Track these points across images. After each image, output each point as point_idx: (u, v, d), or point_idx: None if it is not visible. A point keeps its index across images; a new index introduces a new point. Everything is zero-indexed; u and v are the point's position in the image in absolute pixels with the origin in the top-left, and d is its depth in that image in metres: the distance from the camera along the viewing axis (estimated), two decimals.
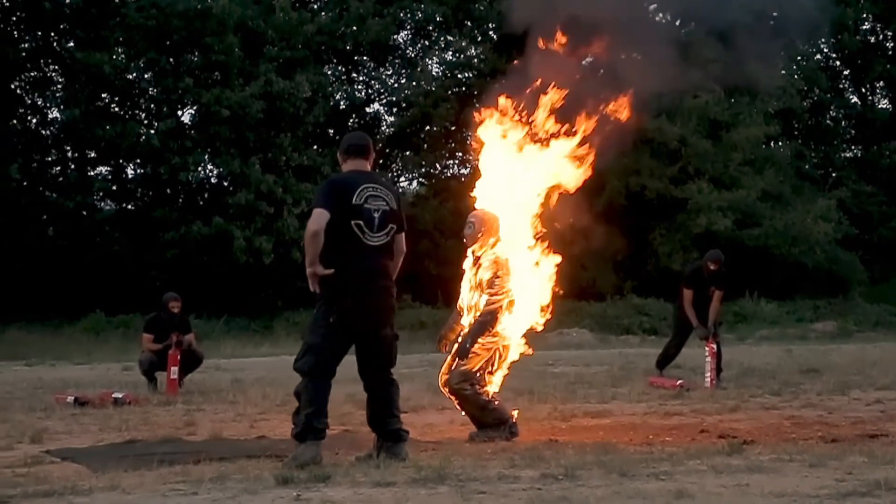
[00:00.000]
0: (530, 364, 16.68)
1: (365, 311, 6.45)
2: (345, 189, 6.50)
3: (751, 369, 14.39)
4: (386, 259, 6.56)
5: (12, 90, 31.40)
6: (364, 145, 6.79)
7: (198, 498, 5.01)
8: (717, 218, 30.48)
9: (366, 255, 6.44)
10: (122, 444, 7.98)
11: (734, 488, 5.09)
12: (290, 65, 30.18)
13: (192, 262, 28.04)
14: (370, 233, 6.44)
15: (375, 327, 6.54)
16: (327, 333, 6.44)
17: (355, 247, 6.42)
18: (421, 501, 4.79)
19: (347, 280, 6.41)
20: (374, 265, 6.48)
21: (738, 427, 8.42)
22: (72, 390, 11.92)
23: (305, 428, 6.29)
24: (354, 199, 6.42)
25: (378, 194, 6.51)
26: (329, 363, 6.45)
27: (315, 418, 6.31)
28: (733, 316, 28.55)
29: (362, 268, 6.43)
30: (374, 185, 6.56)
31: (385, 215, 6.50)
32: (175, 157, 28.64)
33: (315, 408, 6.34)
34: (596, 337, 26.67)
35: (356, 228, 6.41)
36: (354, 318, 6.43)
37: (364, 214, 6.43)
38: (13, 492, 5.25)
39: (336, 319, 6.42)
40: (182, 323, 12.91)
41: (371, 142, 6.93)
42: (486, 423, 7.83)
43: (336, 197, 6.47)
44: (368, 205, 6.45)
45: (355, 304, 6.40)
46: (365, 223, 6.42)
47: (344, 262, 6.41)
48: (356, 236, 6.42)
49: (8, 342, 23.45)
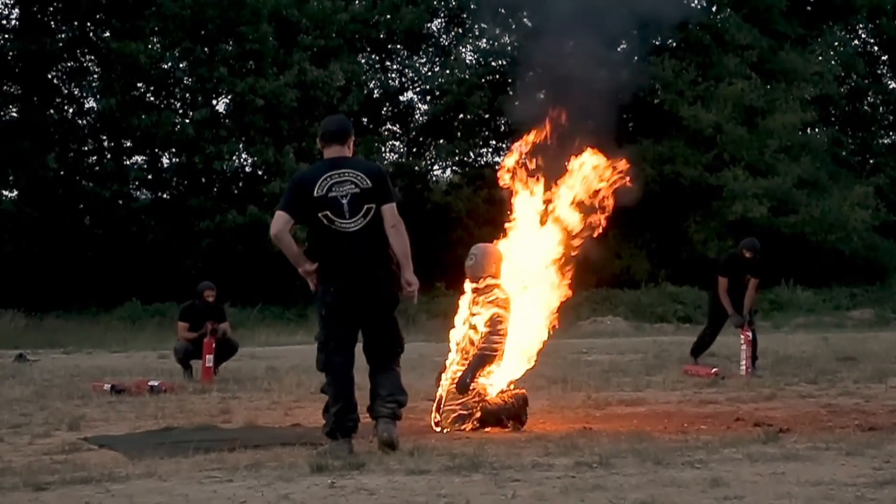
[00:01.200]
0: (564, 352, 16.70)
1: (351, 298, 6.35)
2: (304, 185, 6.44)
3: (787, 357, 14.29)
4: (369, 243, 6.37)
5: (49, 80, 31.68)
6: (338, 130, 6.61)
7: (233, 485, 5.04)
8: (752, 205, 30.25)
9: (342, 243, 6.33)
10: (158, 431, 8.04)
11: (770, 476, 5.06)
12: (324, 53, 30.21)
13: (227, 250, 28.19)
14: (340, 220, 6.30)
15: (367, 313, 6.41)
16: (326, 326, 6.43)
17: (330, 237, 6.34)
18: (455, 489, 4.79)
19: (328, 271, 6.37)
20: (354, 252, 6.33)
21: (773, 415, 8.36)
22: (108, 378, 12.01)
23: (335, 426, 6.29)
24: (315, 192, 6.32)
25: (345, 178, 6.35)
26: (337, 357, 6.40)
27: (343, 415, 6.29)
28: (769, 304, 28.34)
29: (340, 257, 6.34)
30: (341, 170, 6.38)
31: (355, 198, 6.32)
32: (210, 147, 28.79)
33: (342, 404, 6.32)
34: (630, 325, 26.57)
35: (324, 219, 6.31)
36: (342, 306, 6.36)
37: (329, 204, 6.30)
38: (51, 478, 5.30)
39: (326, 312, 6.40)
40: (217, 311, 12.97)
41: (349, 125, 6.79)
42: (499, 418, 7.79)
43: (295, 195, 6.45)
44: (333, 192, 6.31)
45: (340, 294, 6.34)
46: (332, 212, 6.30)
47: (323, 254, 6.40)
48: (327, 227, 6.33)
49: (46, 330, 23.68)
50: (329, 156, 6.56)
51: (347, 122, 6.95)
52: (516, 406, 7.80)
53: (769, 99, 32.41)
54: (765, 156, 31.70)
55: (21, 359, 16.26)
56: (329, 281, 6.38)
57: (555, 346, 18.45)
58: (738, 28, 32.76)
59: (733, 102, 31.60)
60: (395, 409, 6.43)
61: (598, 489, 4.75)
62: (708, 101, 31.73)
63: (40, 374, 13.49)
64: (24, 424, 8.49)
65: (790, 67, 33.07)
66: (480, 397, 7.74)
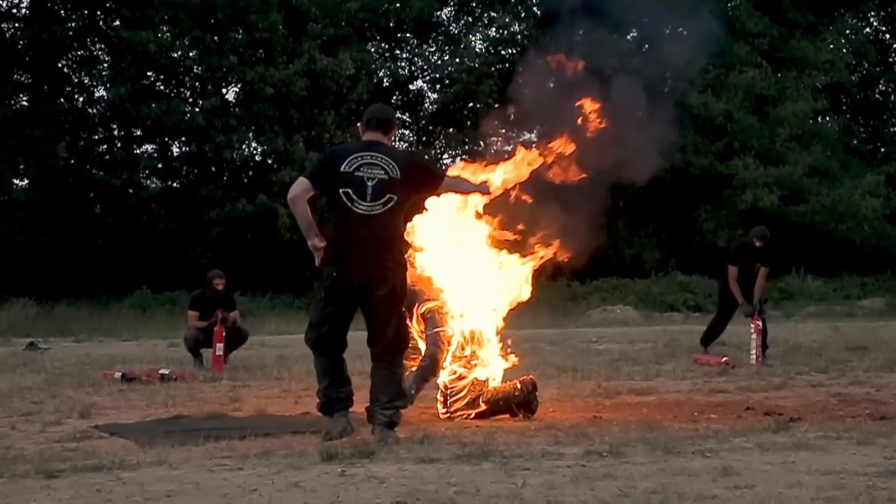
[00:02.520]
0: (574, 341, 16.71)
1: (352, 284, 6.29)
2: (334, 158, 6.41)
3: (797, 346, 14.26)
4: (382, 229, 6.30)
5: (59, 69, 31.76)
6: (386, 119, 6.63)
7: (243, 473, 5.05)
8: (763, 194, 30.21)
9: (356, 224, 6.26)
10: (168, 419, 8.05)
11: (780, 466, 5.05)
12: (333, 42, 30.19)
13: (237, 239, 28.27)
14: (360, 201, 6.24)
15: (366, 302, 6.35)
16: (322, 307, 6.40)
17: (345, 216, 6.27)
18: (465, 478, 4.79)
19: (336, 253, 6.30)
20: (365, 235, 6.25)
21: (784, 404, 8.34)
22: (119, 366, 12.03)
23: (327, 400, 6.30)
24: (343, 168, 6.27)
25: (376, 163, 6.31)
26: (328, 338, 6.38)
27: (333, 389, 6.30)
28: (779, 293, 28.31)
29: (350, 237, 6.27)
30: (374, 153, 6.35)
31: (382, 184, 6.27)
32: (219, 135, 28.83)
33: (330, 379, 6.33)
34: (640, 314, 26.56)
35: (344, 197, 6.25)
36: (341, 291, 6.31)
37: (353, 182, 6.25)
38: (63, 466, 5.31)
39: (325, 294, 6.36)
40: (227, 300, 12.99)
41: (395, 118, 6.79)
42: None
43: (323, 166, 6.42)
44: (360, 173, 6.27)
45: (342, 278, 6.28)
46: (354, 191, 6.24)
47: (334, 233, 6.33)
48: (345, 205, 6.26)
49: (57, 319, 23.77)
50: (367, 139, 6.55)
51: (394, 114, 6.93)
52: (525, 393, 7.78)
53: (780, 87, 32.33)
54: (775, 144, 31.64)
55: (32, 347, 16.33)
56: (334, 263, 6.31)
57: (564, 335, 18.55)
58: (749, 16, 32.64)
59: (744, 91, 31.53)
60: (392, 415, 6.37)
61: (608, 478, 4.74)
62: (718, 89, 31.65)
63: (51, 363, 13.53)
64: (36, 412, 8.51)
65: (801, 55, 32.96)
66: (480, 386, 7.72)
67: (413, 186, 6.50)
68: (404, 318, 6.58)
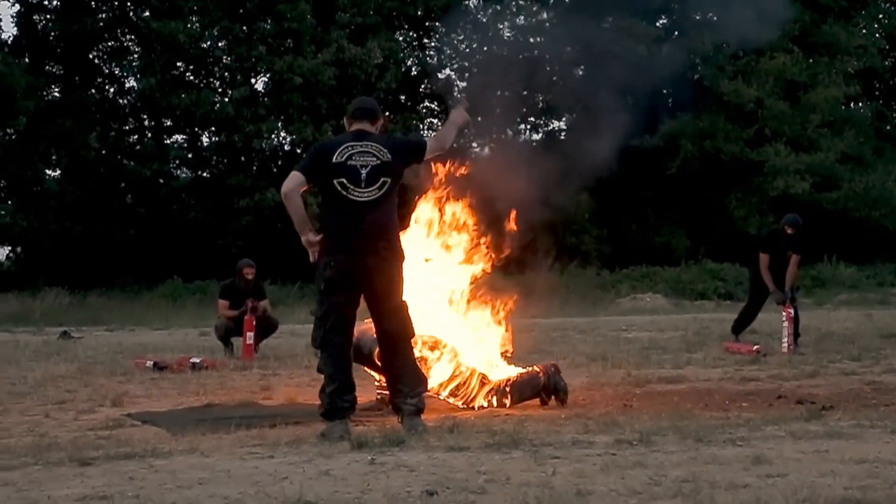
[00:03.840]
0: (604, 329, 16.66)
1: (353, 271, 6.25)
2: (325, 150, 6.44)
3: (829, 334, 14.16)
4: (379, 214, 6.31)
5: (90, 60, 31.98)
6: (370, 108, 6.65)
7: (274, 461, 5.07)
8: (794, 181, 29.99)
9: (354, 212, 6.25)
10: (199, 407, 8.10)
11: (813, 454, 5.02)
12: (361, 31, 30.19)
13: (267, 228, 28.33)
14: (355, 189, 6.25)
15: (370, 290, 6.31)
16: (324, 300, 6.34)
17: (342, 205, 6.27)
18: (495, 466, 4.79)
19: (335, 240, 6.29)
20: (364, 223, 6.25)
21: (816, 393, 8.28)
22: (151, 355, 12.12)
23: (330, 408, 6.22)
24: (335, 158, 6.28)
25: (367, 150, 6.33)
26: (334, 336, 6.31)
27: (338, 396, 6.22)
28: (811, 280, 28.09)
29: (349, 226, 6.26)
30: (363, 142, 6.37)
31: (374, 169, 6.29)
32: (249, 125, 28.92)
33: (336, 384, 6.25)
34: (670, 302, 26.45)
35: (339, 186, 6.25)
36: (342, 281, 6.26)
37: (346, 171, 6.26)
38: (96, 454, 5.35)
39: (325, 286, 6.31)
40: (257, 289, 13.04)
41: (378, 108, 6.79)
42: None
43: (315, 159, 6.43)
44: (353, 161, 6.28)
45: (342, 267, 6.24)
46: (348, 180, 6.25)
47: (332, 222, 6.33)
48: (341, 195, 6.26)
49: (89, 308, 23.97)
50: (354, 129, 6.54)
51: (377, 104, 6.94)
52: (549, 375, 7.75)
53: (811, 73, 32.05)
54: (807, 131, 31.39)
55: (65, 336, 16.48)
56: (332, 253, 6.29)
57: (594, 323, 18.51)
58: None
59: (775, 77, 31.28)
60: (418, 402, 6.37)
61: (638, 466, 4.73)
62: (749, 75, 31.42)
63: (84, 351, 13.65)
64: (69, 400, 8.59)
65: (833, 40, 32.65)
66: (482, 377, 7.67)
67: (404, 162, 6.54)
68: (406, 307, 6.48)
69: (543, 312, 22.05)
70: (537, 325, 17.25)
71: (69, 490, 4.46)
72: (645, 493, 4.21)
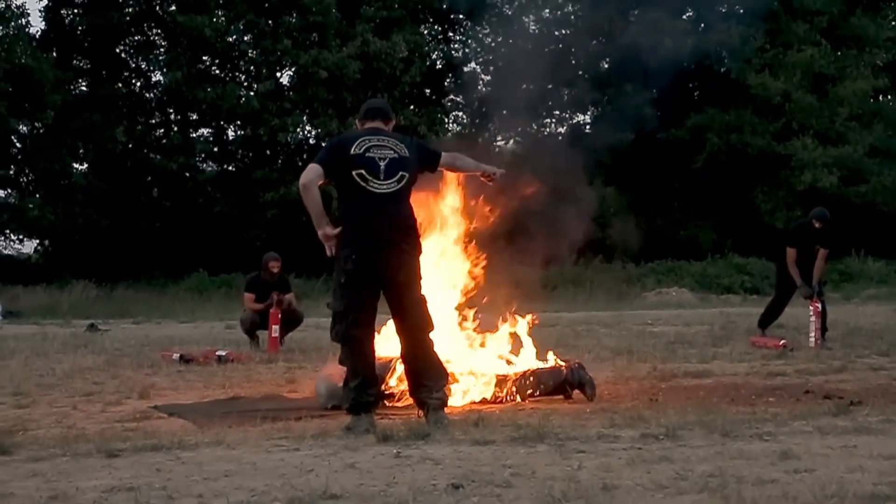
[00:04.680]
0: (629, 323, 16.61)
1: (373, 264, 6.20)
2: (343, 143, 6.41)
3: (857, 329, 14.05)
4: (398, 207, 6.28)
5: (117, 54, 32.15)
6: (382, 108, 6.66)
7: (300, 454, 5.08)
8: (822, 174, 29.81)
9: (373, 204, 6.21)
10: (225, 400, 8.14)
11: (841, 450, 4.97)
12: (386, 25, 30.21)
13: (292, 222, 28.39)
14: (375, 180, 6.21)
15: (390, 284, 6.25)
16: (343, 295, 6.29)
17: (361, 197, 6.23)
18: (520, 460, 4.78)
19: (354, 233, 6.23)
20: (384, 215, 6.21)
21: (844, 388, 8.22)
22: (177, 348, 12.18)
23: (354, 403, 6.20)
24: (353, 150, 6.25)
25: (384, 145, 6.32)
26: (357, 331, 6.26)
27: (362, 391, 6.20)
28: (839, 275, 27.90)
29: (370, 218, 6.21)
30: (380, 136, 6.37)
31: (393, 162, 6.27)
32: (274, 119, 29.01)
33: (359, 379, 6.23)
34: (696, 296, 26.34)
35: (358, 178, 6.21)
36: (362, 274, 6.21)
37: (365, 163, 6.23)
38: (123, 445, 5.38)
39: (345, 279, 6.26)
40: (282, 282, 13.08)
41: (389, 108, 6.79)
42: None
43: (333, 152, 6.38)
44: (371, 154, 6.26)
45: (361, 260, 6.19)
46: (367, 171, 6.21)
47: (352, 214, 6.27)
48: (360, 186, 6.21)
49: (116, 301, 24.12)
50: (369, 127, 6.54)
51: (387, 105, 6.94)
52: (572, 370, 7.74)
53: (840, 66, 31.83)
54: (835, 124, 31.18)
55: (93, 328, 16.59)
56: (351, 246, 6.23)
57: (619, 317, 18.45)
58: None
59: (802, 70, 31.09)
60: (442, 396, 6.36)
61: (664, 461, 4.70)
62: (776, 68, 31.24)
63: (111, 344, 13.73)
64: (97, 392, 8.64)
65: (862, 33, 32.40)
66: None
67: (420, 163, 6.51)
68: (425, 301, 6.44)
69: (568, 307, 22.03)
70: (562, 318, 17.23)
71: (97, 481, 4.48)
72: (671, 487, 4.19)
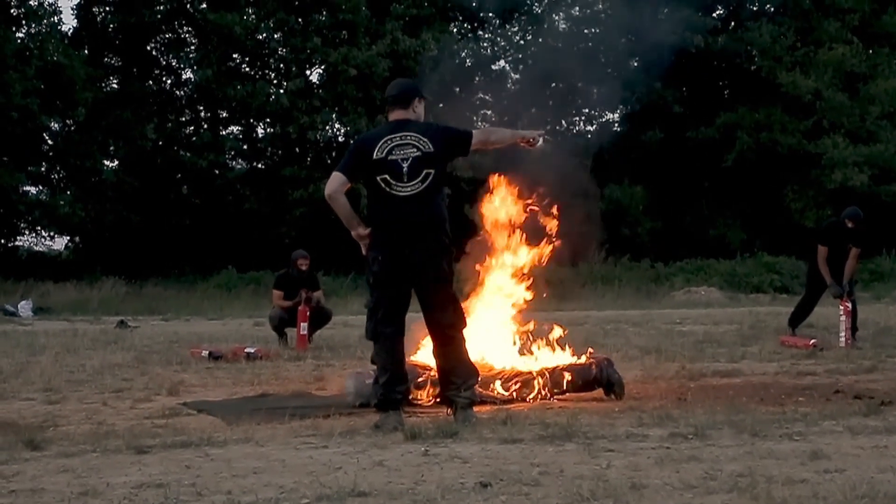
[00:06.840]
0: (658, 322, 16.55)
1: (398, 267, 6.22)
2: (364, 147, 6.38)
3: (888, 329, 13.94)
4: (423, 207, 6.25)
5: (148, 52, 32.33)
6: (400, 94, 6.55)
7: (328, 451, 5.09)
8: (852, 173, 29.60)
9: (398, 207, 6.21)
10: (254, 397, 8.16)
11: (872, 450, 4.94)
12: (416, 23, 30.23)
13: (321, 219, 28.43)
14: (398, 184, 6.20)
15: (416, 283, 6.27)
16: (373, 292, 6.33)
17: (385, 202, 6.24)
18: (548, 458, 4.78)
19: (381, 235, 6.26)
20: (407, 217, 6.21)
21: (875, 387, 8.15)
22: (206, 345, 12.23)
23: (383, 399, 6.22)
24: (375, 155, 6.24)
25: (407, 142, 6.27)
26: (386, 327, 6.27)
27: (390, 387, 6.22)
28: (869, 274, 27.70)
29: (393, 221, 6.22)
30: (403, 133, 6.32)
31: (416, 161, 6.23)
32: (303, 117, 29.09)
33: (388, 375, 6.24)
34: (725, 295, 26.21)
35: (382, 183, 6.22)
36: (388, 275, 6.23)
37: (388, 167, 6.21)
38: (153, 442, 5.42)
39: (374, 280, 6.29)
40: (311, 280, 13.12)
41: (411, 87, 6.70)
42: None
43: (355, 157, 6.36)
44: (394, 156, 6.23)
45: (387, 262, 6.22)
46: (391, 175, 6.21)
47: (378, 217, 6.29)
48: (384, 191, 6.22)
49: (146, 298, 24.27)
50: (393, 118, 6.51)
51: (410, 84, 6.84)
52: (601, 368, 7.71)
53: (871, 64, 31.61)
54: (866, 122, 30.96)
55: (122, 325, 16.70)
56: (378, 248, 6.27)
57: (648, 316, 18.39)
58: None
59: (833, 68, 30.89)
60: (471, 395, 6.38)
61: (693, 460, 4.69)
62: (807, 66, 31.07)
63: (140, 341, 13.82)
64: (126, 389, 8.70)
65: (893, 31, 32.15)
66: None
67: (448, 153, 6.47)
68: (456, 299, 6.47)
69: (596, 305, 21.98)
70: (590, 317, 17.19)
71: (126, 477, 4.51)
72: (700, 487, 4.17)
